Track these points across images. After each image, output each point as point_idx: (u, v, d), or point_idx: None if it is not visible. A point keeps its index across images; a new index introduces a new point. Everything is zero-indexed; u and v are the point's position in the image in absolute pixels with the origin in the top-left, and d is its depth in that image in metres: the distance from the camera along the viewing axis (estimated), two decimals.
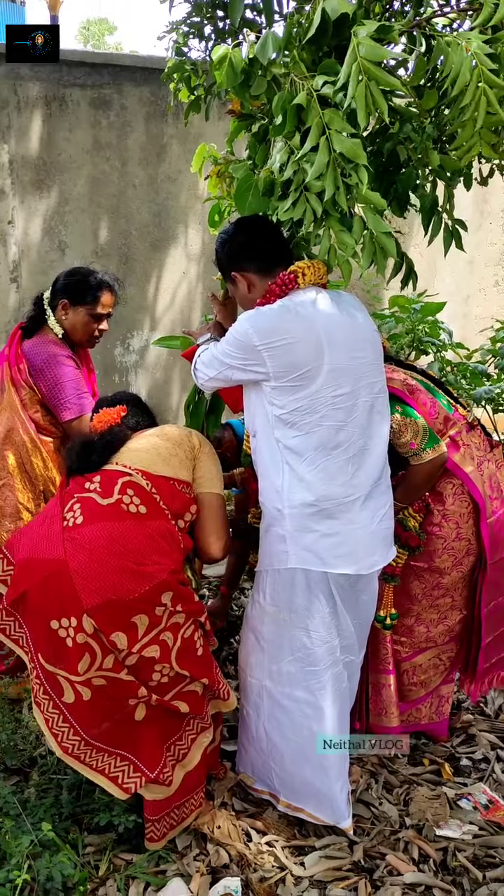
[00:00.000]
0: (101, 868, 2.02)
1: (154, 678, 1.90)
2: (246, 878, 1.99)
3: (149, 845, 2.01)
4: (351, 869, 2.06)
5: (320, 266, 2.05)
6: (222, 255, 2.18)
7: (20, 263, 5.00)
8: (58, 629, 1.84)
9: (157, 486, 2.06)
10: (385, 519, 2.08)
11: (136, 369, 5.42)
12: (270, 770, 2.22)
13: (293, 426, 1.96)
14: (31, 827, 1.98)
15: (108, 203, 5.10)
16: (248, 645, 2.21)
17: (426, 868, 2.06)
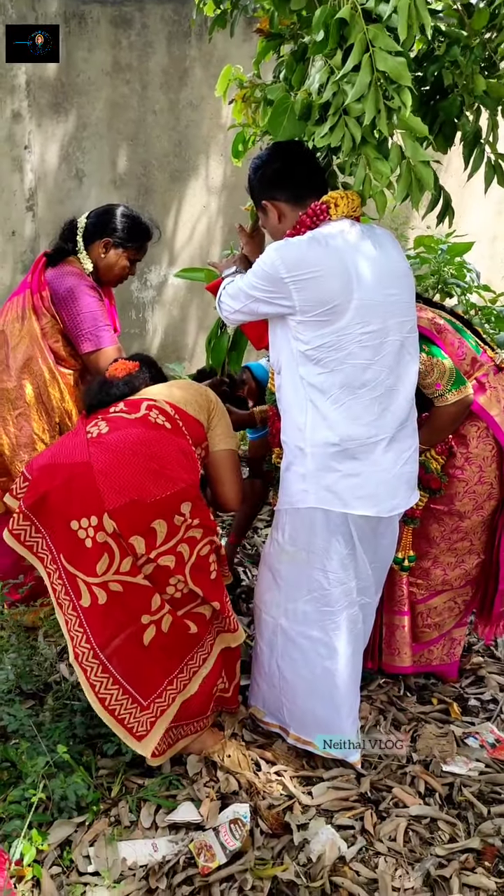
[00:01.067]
0: (114, 790, 2.06)
1: (168, 591, 1.92)
2: (254, 805, 2.03)
3: (150, 761, 2.03)
4: (357, 800, 2.10)
5: (354, 197, 1.97)
6: (254, 181, 2.11)
7: (36, 191, 4.88)
8: (77, 529, 1.85)
9: (180, 414, 2.09)
10: (409, 462, 2.04)
11: (153, 305, 5.34)
12: (282, 705, 2.24)
13: (318, 363, 1.91)
14: (45, 749, 2.02)
15: (127, 129, 4.95)
16: (265, 583, 2.21)
17: (432, 802, 2.10)
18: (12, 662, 2.26)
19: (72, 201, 4.94)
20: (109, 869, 1.83)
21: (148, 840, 1.92)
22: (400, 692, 2.55)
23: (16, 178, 4.83)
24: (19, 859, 1.78)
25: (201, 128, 5.09)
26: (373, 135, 1.85)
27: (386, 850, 1.94)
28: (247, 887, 1.81)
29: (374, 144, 1.82)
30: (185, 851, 1.89)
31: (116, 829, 1.95)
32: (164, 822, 1.98)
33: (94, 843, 1.90)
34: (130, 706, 1.91)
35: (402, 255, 2.06)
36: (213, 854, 1.87)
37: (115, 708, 1.90)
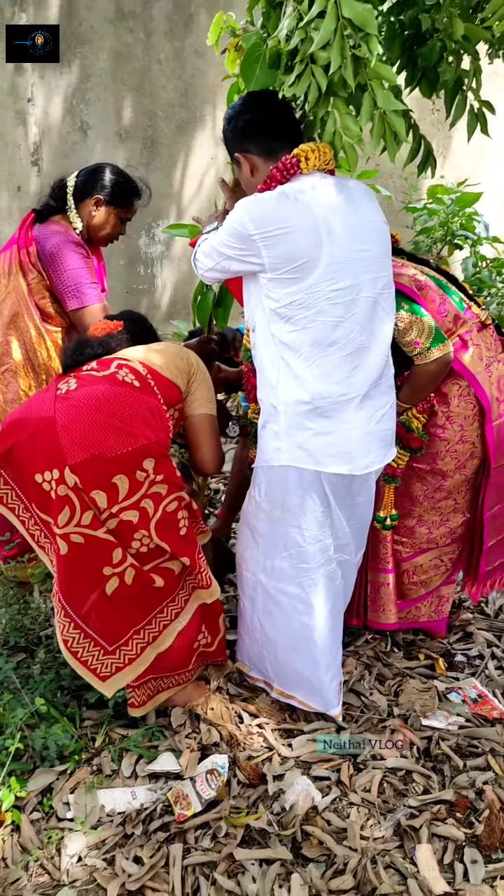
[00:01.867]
0: (98, 740, 2.12)
1: (134, 546, 1.95)
2: (234, 756, 2.08)
3: (131, 711, 2.09)
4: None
5: (326, 150, 1.92)
6: (227, 132, 2.06)
7: (41, 145, 4.84)
8: (42, 483, 1.89)
9: (153, 374, 2.10)
10: (384, 420, 2.03)
11: (161, 260, 5.30)
12: (265, 659, 2.28)
13: (289, 321, 1.89)
14: (28, 701, 2.08)
15: (131, 80, 4.86)
16: (245, 540, 2.23)
17: (408, 755, 2.13)
18: (2, 617, 2.31)
19: (77, 155, 4.89)
20: (87, 815, 1.90)
21: (127, 788, 1.98)
22: (387, 648, 2.58)
23: (20, 132, 4.80)
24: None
25: (208, 76, 4.97)
26: (342, 86, 1.80)
27: (360, 800, 1.98)
28: (220, 834, 1.87)
29: (344, 98, 1.77)
30: (162, 800, 1.95)
31: (97, 777, 2.01)
32: (145, 772, 2.03)
33: (75, 791, 1.97)
34: (93, 649, 1.97)
35: (377, 209, 2.01)
36: (190, 803, 1.93)
37: (77, 650, 1.97)
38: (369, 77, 1.77)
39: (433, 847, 1.83)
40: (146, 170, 5.03)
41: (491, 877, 1.77)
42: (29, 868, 1.78)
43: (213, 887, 1.74)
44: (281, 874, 1.76)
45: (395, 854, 1.81)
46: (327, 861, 1.80)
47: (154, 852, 1.82)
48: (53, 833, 1.85)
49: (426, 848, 1.82)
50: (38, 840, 1.84)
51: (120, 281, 5.09)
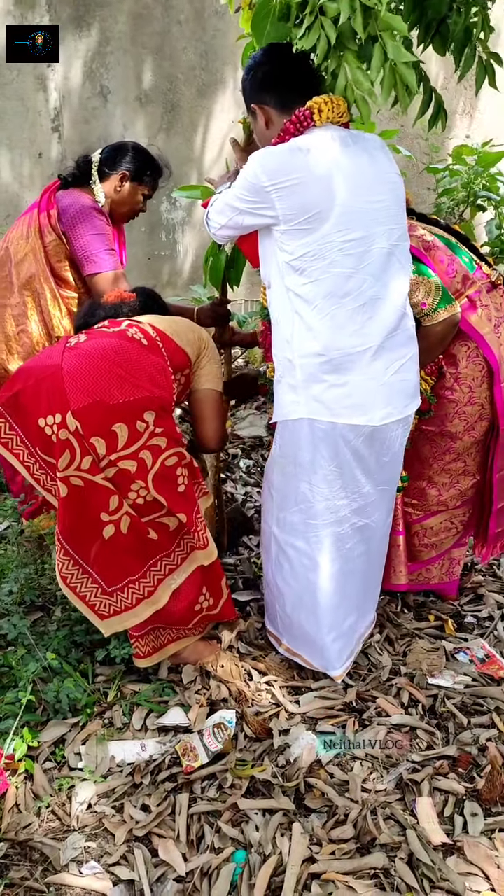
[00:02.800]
0: (110, 695, 2.18)
1: (130, 496, 1.98)
2: (241, 712, 2.12)
3: (137, 662, 2.15)
4: (342, 709, 2.17)
5: (340, 103, 1.90)
6: (246, 83, 2.05)
7: (61, 111, 4.82)
8: (44, 427, 1.94)
9: (162, 337, 2.12)
10: (402, 371, 2.01)
11: (182, 226, 5.28)
12: (276, 613, 2.33)
13: (302, 273, 1.90)
14: (42, 656, 2.14)
15: (151, 42, 4.81)
16: (264, 493, 2.28)
17: (414, 712, 2.16)
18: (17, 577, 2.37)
19: (97, 120, 4.87)
20: (98, 765, 1.96)
21: (137, 741, 2.04)
22: (397, 609, 2.60)
23: (40, 97, 4.78)
24: (11, 754, 1.93)
25: (228, 37, 4.90)
26: (352, 38, 1.77)
27: (363, 755, 2.01)
28: (226, 785, 1.92)
29: (355, 51, 1.74)
30: (171, 752, 2.00)
31: (108, 730, 2.07)
32: (154, 725, 2.09)
33: (86, 742, 2.03)
34: (91, 585, 2.04)
35: (391, 161, 1.99)
36: (197, 755, 1.98)
37: (75, 585, 2.03)
38: (379, 28, 1.74)
39: (433, 800, 1.86)
40: (167, 135, 5.00)
41: (490, 829, 1.80)
42: (41, 814, 1.84)
43: (217, 835, 1.79)
44: (283, 824, 1.81)
45: (395, 806, 1.85)
46: (328, 812, 1.84)
47: (161, 801, 1.87)
48: (64, 781, 1.91)
49: (426, 801, 1.85)
50: (50, 787, 1.91)
51: (141, 247, 5.09)
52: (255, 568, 2.81)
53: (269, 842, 1.75)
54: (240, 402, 3.44)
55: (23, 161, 4.81)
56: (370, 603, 2.37)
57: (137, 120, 4.92)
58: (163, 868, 1.71)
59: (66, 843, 1.76)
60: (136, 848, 1.75)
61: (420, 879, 1.66)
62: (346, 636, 2.25)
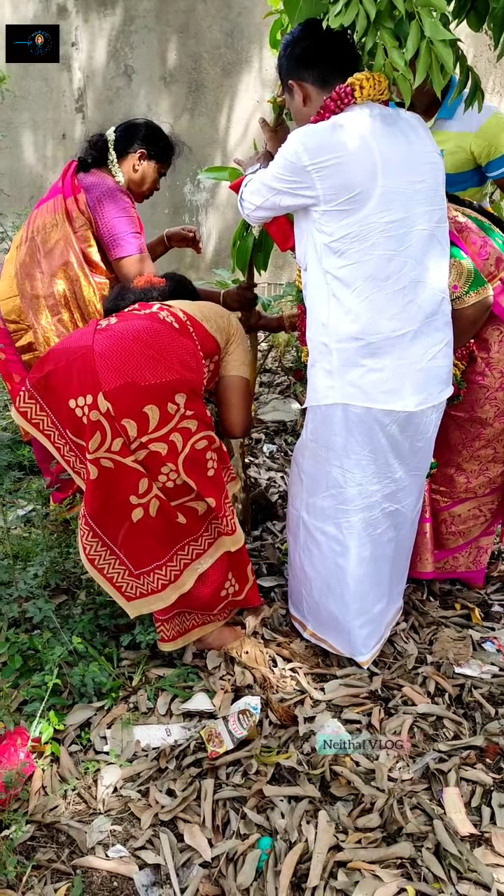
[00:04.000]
0: (135, 679, 2.18)
1: (160, 479, 1.98)
2: (266, 698, 2.12)
3: (161, 646, 2.16)
4: (367, 697, 2.16)
5: (381, 80, 1.85)
6: (283, 59, 2.00)
7: (85, 91, 4.79)
8: (75, 408, 1.93)
9: (192, 322, 2.10)
10: (439, 356, 1.98)
11: (206, 208, 5.24)
12: (302, 598, 2.32)
13: (342, 255, 1.86)
14: (67, 640, 2.14)
15: (176, 20, 4.76)
16: (293, 478, 2.26)
17: (440, 701, 2.14)
18: (42, 561, 2.38)
19: (121, 101, 4.84)
20: (123, 749, 1.97)
21: (162, 726, 2.04)
22: (423, 597, 2.58)
23: (64, 77, 4.75)
24: (38, 737, 1.94)
25: (254, 15, 4.84)
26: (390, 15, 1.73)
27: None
28: (251, 771, 1.91)
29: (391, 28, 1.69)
30: (195, 737, 2.00)
31: (134, 714, 2.07)
32: (179, 710, 2.09)
33: (112, 726, 2.04)
34: (119, 567, 2.05)
35: (432, 141, 1.95)
36: (222, 741, 1.98)
37: (103, 567, 2.05)
38: (418, 5, 1.69)
39: (460, 790, 1.84)
40: (191, 115, 4.95)
41: None
42: (67, 796, 1.85)
43: (243, 821, 1.79)
44: (309, 811, 1.80)
45: (422, 796, 1.83)
46: (354, 800, 1.83)
47: (186, 786, 1.87)
48: (90, 765, 1.92)
49: (453, 791, 1.84)
50: (76, 771, 1.92)
51: (165, 229, 5.06)
52: (280, 553, 2.79)
53: (294, 829, 1.75)
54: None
55: (46, 142, 4.80)
56: (399, 589, 2.35)
57: (161, 100, 4.88)
58: (188, 853, 1.71)
59: (93, 827, 1.76)
60: (162, 832, 1.75)
61: (447, 870, 1.65)
62: (374, 622, 2.23)
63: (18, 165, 4.76)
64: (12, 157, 4.70)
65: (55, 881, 1.65)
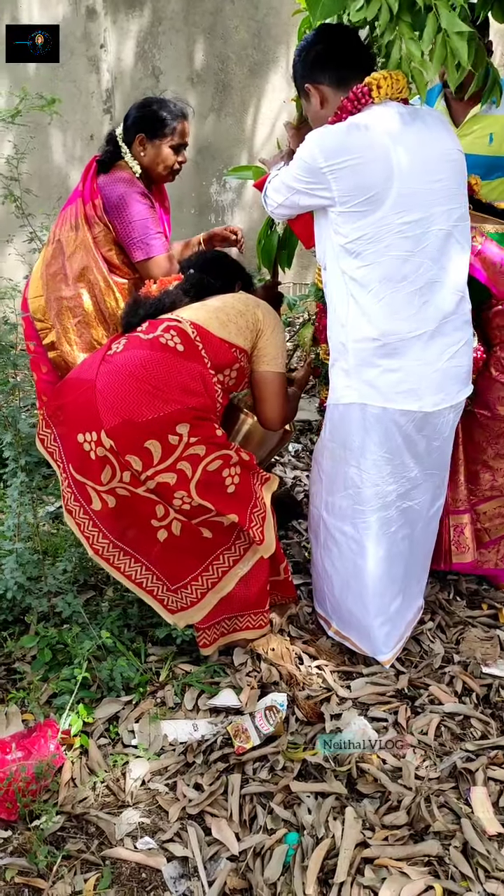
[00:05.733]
0: (162, 675, 2.20)
1: (175, 504, 1.99)
2: (293, 695, 2.12)
3: (202, 651, 2.20)
4: (394, 695, 2.16)
5: (399, 78, 1.85)
6: (298, 64, 2.01)
7: (113, 92, 4.82)
8: (83, 442, 1.96)
9: (203, 337, 2.06)
10: (457, 356, 1.98)
11: (232, 208, 5.25)
12: (325, 596, 2.33)
13: (358, 256, 1.87)
14: (96, 634, 2.17)
15: (203, 22, 4.78)
16: (313, 476, 2.28)
17: (467, 701, 2.14)
18: (71, 557, 2.41)
19: None
20: (151, 743, 1.99)
21: (189, 721, 2.06)
22: (450, 596, 2.57)
23: (92, 79, 4.79)
24: (67, 729, 1.96)
25: (281, 14, 4.84)
26: (410, 7, 1.73)
27: (416, 742, 2.00)
28: (277, 767, 1.92)
29: (409, 23, 1.70)
30: (222, 733, 2.01)
31: (161, 709, 2.09)
32: (206, 706, 2.10)
33: (139, 720, 2.06)
34: (156, 581, 2.08)
35: (454, 139, 1.94)
36: (249, 736, 1.99)
37: (141, 581, 2.08)
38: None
39: (488, 790, 1.84)
40: (217, 115, 4.97)
41: None
42: (96, 788, 1.87)
43: (270, 816, 1.79)
44: (335, 807, 1.80)
45: (449, 795, 1.83)
46: (381, 797, 1.83)
47: (214, 780, 1.89)
48: (119, 758, 1.94)
49: (481, 790, 1.83)
50: (105, 763, 1.94)
51: (191, 229, 5.07)
52: (305, 552, 2.80)
53: (321, 825, 1.75)
54: None
55: (75, 143, 4.83)
56: (417, 587, 2.34)
57: (188, 100, 4.88)
58: (216, 846, 1.73)
59: (121, 819, 1.78)
60: (190, 826, 1.76)
61: (475, 869, 1.65)
62: (392, 621, 2.23)
63: (47, 166, 4.81)
64: (41, 158, 4.74)
65: (84, 871, 1.67)
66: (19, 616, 2.35)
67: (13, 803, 1.76)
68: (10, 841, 1.73)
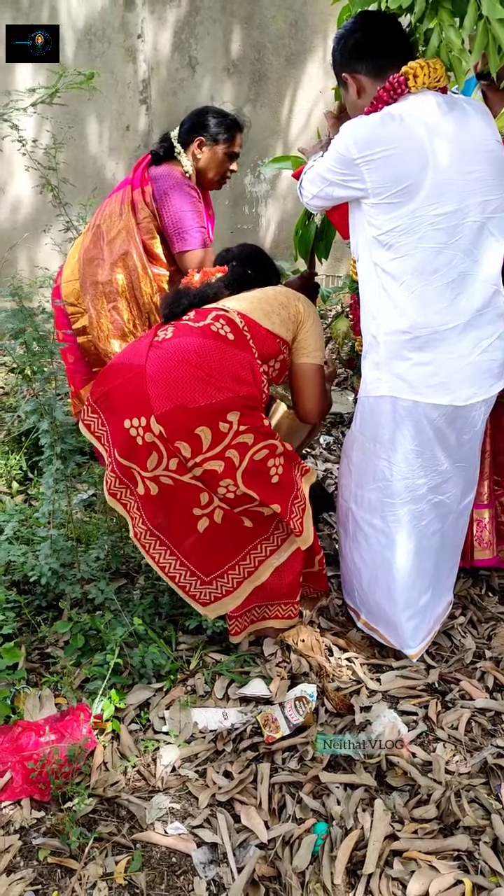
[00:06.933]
0: (193, 663, 2.22)
1: (220, 492, 2.00)
2: (322, 686, 2.13)
3: (232, 639, 2.21)
4: (424, 689, 2.15)
5: (437, 66, 1.83)
6: (336, 54, 2.00)
7: (149, 83, 4.83)
8: (129, 428, 1.97)
9: (251, 327, 2.09)
10: (490, 350, 1.96)
11: (266, 200, 5.25)
12: (354, 588, 2.33)
13: (390, 248, 1.86)
14: (128, 622, 2.19)
15: (241, 11, 4.77)
16: (342, 468, 2.27)
17: (499, 697, 2.12)
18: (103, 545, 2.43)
19: (185, 91, 4.87)
20: (181, 730, 2.00)
21: (219, 709, 2.07)
22: (481, 591, 2.55)
23: (129, 69, 4.80)
24: (99, 714, 1.98)
25: (318, 3, 4.82)
26: None
27: (446, 737, 1.99)
28: (307, 758, 1.93)
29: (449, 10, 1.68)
30: (252, 722, 2.02)
31: (191, 696, 2.11)
32: (236, 695, 2.11)
33: (170, 707, 2.08)
34: (190, 577, 2.08)
35: (493, 128, 1.91)
36: (278, 726, 1.99)
37: (174, 575, 2.09)
38: None
39: None
40: (253, 105, 4.96)
41: None
42: (127, 773, 1.89)
43: (299, 805, 1.80)
44: (364, 799, 1.81)
45: (479, 790, 1.82)
46: (411, 791, 1.83)
47: (243, 769, 1.90)
48: (150, 743, 1.96)
49: None
50: (136, 749, 1.96)
51: (225, 220, 5.08)
52: (336, 544, 2.79)
53: (350, 816, 1.76)
54: None
55: (111, 133, 4.85)
56: (447, 582, 2.33)
57: (224, 91, 4.90)
58: (245, 834, 1.74)
59: (152, 803, 1.80)
60: (220, 812, 1.78)
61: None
62: (420, 615, 2.22)
63: (83, 157, 4.84)
64: (77, 148, 4.77)
65: (115, 854, 1.69)
66: (53, 602, 2.38)
67: (46, 784, 1.79)
68: (44, 821, 1.76)
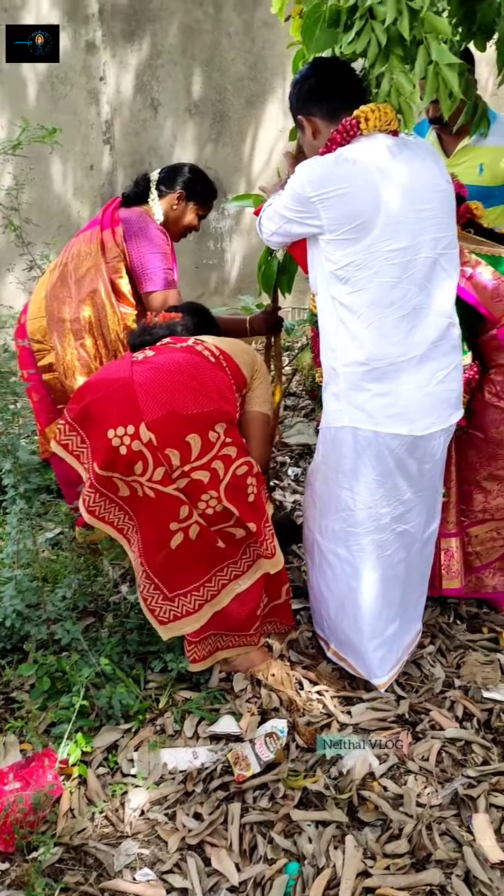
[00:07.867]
0: (161, 702, 2.19)
1: (200, 507, 2.01)
2: (293, 721, 2.11)
3: (191, 666, 2.18)
4: (395, 721, 2.14)
5: (387, 110, 1.89)
6: (293, 97, 2.07)
7: (112, 123, 4.89)
8: (112, 438, 1.95)
9: (225, 358, 2.17)
10: (446, 381, 2.00)
11: (230, 235, 5.31)
12: (322, 617, 2.34)
13: (347, 282, 1.90)
14: (95, 662, 2.16)
15: (201, 55, 4.86)
16: (307, 499, 2.29)
17: (469, 726, 2.12)
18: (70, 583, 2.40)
19: (147, 132, 4.94)
20: (150, 772, 1.97)
21: (189, 748, 2.04)
22: (450, 619, 2.56)
23: (92, 110, 4.86)
24: (66, 759, 1.95)
25: (276, 48, 4.93)
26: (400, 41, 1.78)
27: (417, 768, 1.98)
28: (278, 795, 1.90)
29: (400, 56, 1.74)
30: (222, 760, 1.99)
31: (160, 737, 2.08)
32: (206, 733, 2.09)
33: (139, 749, 2.04)
34: (153, 591, 2.07)
35: (442, 168, 1.98)
36: (249, 764, 1.97)
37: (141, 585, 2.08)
38: (425, 31, 1.75)
39: (490, 817, 1.82)
40: (215, 145, 5.05)
41: None
42: (94, 819, 1.85)
43: (270, 846, 1.78)
44: (336, 836, 1.79)
45: (451, 822, 1.81)
46: (383, 825, 1.82)
47: (213, 810, 1.87)
48: (118, 787, 1.92)
49: (483, 817, 1.81)
50: (104, 793, 1.92)
51: (190, 256, 5.13)
52: (305, 576, 2.79)
53: (322, 854, 1.74)
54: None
55: (75, 173, 4.90)
56: (414, 612, 2.34)
57: (187, 131, 4.98)
58: (216, 877, 1.71)
59: (120, 850, 1.76)
60: (190, 856, 1.75)
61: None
62: (388, 644, 2.22)
63: (48, 196, 4.87)
64: (42, 187, 4.80)
65: None
66: (18, 644, 2.34)
67: (11, 835, 1.74)
68: (8, 873, 1.71)
